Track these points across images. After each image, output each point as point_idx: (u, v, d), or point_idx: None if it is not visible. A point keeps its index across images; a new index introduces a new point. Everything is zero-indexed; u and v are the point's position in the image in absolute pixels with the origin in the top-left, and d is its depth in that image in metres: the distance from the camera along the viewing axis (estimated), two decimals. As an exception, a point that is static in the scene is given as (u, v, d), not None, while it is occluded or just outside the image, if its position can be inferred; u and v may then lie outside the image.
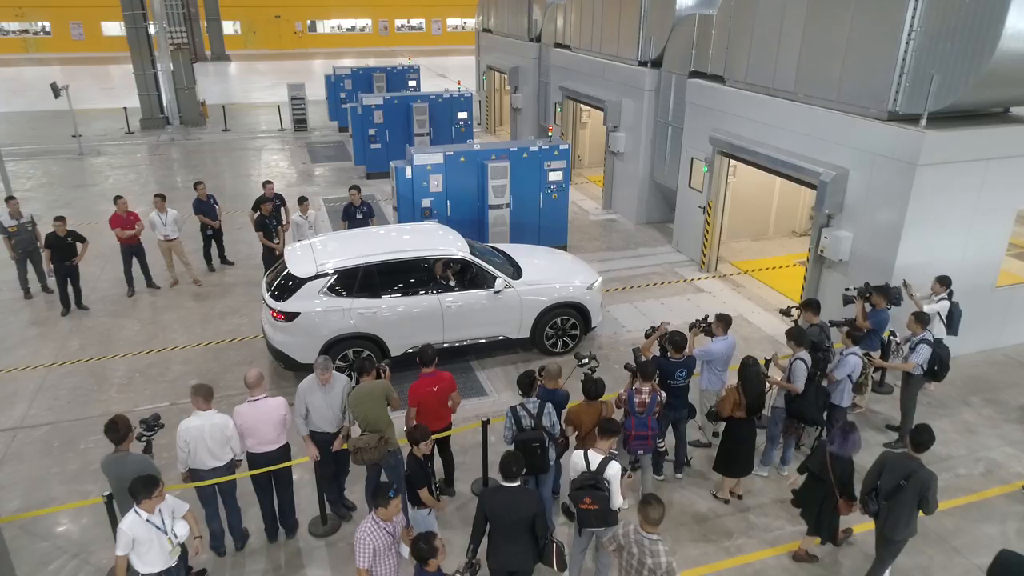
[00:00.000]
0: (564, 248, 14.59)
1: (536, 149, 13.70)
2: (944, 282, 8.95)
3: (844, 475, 6.37)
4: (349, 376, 7.82)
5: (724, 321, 8.15)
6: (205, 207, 13.47)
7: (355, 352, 9.38)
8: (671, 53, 14.82)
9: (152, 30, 25.52)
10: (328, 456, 7.17)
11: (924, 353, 8.11)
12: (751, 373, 7.25)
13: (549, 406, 6.77)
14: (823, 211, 10.59)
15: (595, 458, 5.96)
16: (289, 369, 9.80)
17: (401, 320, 9.56)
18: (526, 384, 6.82)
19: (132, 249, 12.51)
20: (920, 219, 9.55)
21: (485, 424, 7.69)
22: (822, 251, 10.73)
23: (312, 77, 34.43)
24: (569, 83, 18.98)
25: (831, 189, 10.40)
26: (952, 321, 8.86)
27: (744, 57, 12.40)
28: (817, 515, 6.60)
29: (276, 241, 12.28)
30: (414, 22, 61.79)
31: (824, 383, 7.97)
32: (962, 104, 9.32)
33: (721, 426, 7.73)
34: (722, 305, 12.30)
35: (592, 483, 5.83)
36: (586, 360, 7.42)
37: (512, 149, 13.57)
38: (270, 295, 9.40)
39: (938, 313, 8.78)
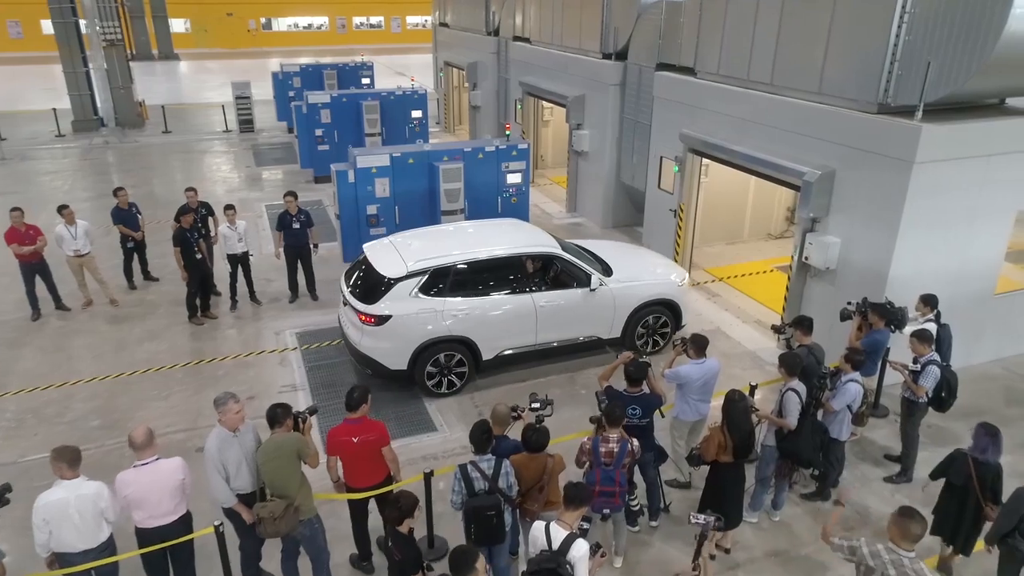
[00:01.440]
0: (525, 256, 13.45)
1: (493, 149, 12.53)
2: (929, 302, 7.95)
3: (993, 481, 5.89)
4: None
5: (697, 344, 7.07)
6: (126, 217, 12.04)
7: (447, 357, 8.92)
8: (637, 44, 13.76)
9: (83, 26, 23.75)
10: (247, 529, 5.89)
11: (933, 376, 7.11)
12: (737, 410, 6.14)
13: (507, 464, 5.60)
14: (807, 214, 9.59)
15: (558, 533, 4.80)
16: (377, 376, 8.98)
17: (495, 321, 9.04)
18: (480, 439, 5.63)
19: (34, 267, 11.02)
20: (917, 223, 8.58)
21: (428, 477, 6.47)
22: (806, 259, 9.73)
23: (265, 76, 32.71)
24: (529, 78, 17.85)
25: (816, 190, 9.39)
26: (941, 346, 7.77)
27: (716, 46, 11.37)
28: (955, 526, 6.06)
29: (199, 256, 10.86)
30: (374, 20, 60.28)
31: (819, 415, 6.94)
32: (960, 95, 8.37)
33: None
34: (697, 316, 11.25)
35: (552, 566, 4.66)
36: (537, 404, 6.23)
37: (466, 149, 12.38)
38: (356, 297, 8.77)
39: None
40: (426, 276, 8.74)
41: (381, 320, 8.58)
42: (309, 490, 5.82)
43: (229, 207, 11.26)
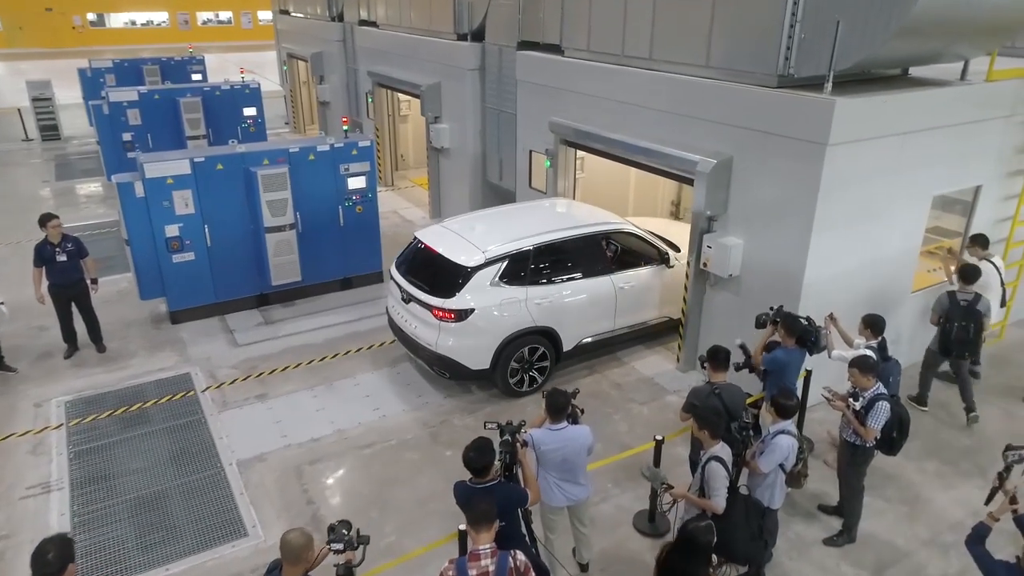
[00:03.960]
0: (379, 276, 11.27)
1: (326, 148, 10.23)
2: (874, 325, 6.48)
3: None
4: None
5: (552, 404, 5.20)
6: None
7: (531, 350, 8.10)
8: (494, 21, 11.86)
9: None
10: None
11: (884, 414, 5.58)
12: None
13: None
14: (704, 212, 7.99)
15: None
16: (456, 379, 8.22)
17: (576, 308, 8.34)
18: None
19: None
20: (831, 216, 7.13)
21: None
22: (705, 264, 8.14)
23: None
24: (379, 68, 15.59)
25: (711, 183, 7.80)
26: (885, 385, 6.32)
27: (584, 18, 9.62)
28: None
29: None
30: (223, 16, 55.53)
31: (742, 478, 5.25)
32: (865, 63, 6.98)
33: None
34: (583, 339, 9.50)
35: None
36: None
37: (292, 150, 10.01)
38: (427, 293, 7.86)
39: None
40: (506, 262, 7.93)
41: (463, 315, 7.69)
42: None
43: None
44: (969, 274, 7.56)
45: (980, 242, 8.18)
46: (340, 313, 10.34)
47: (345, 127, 10.64)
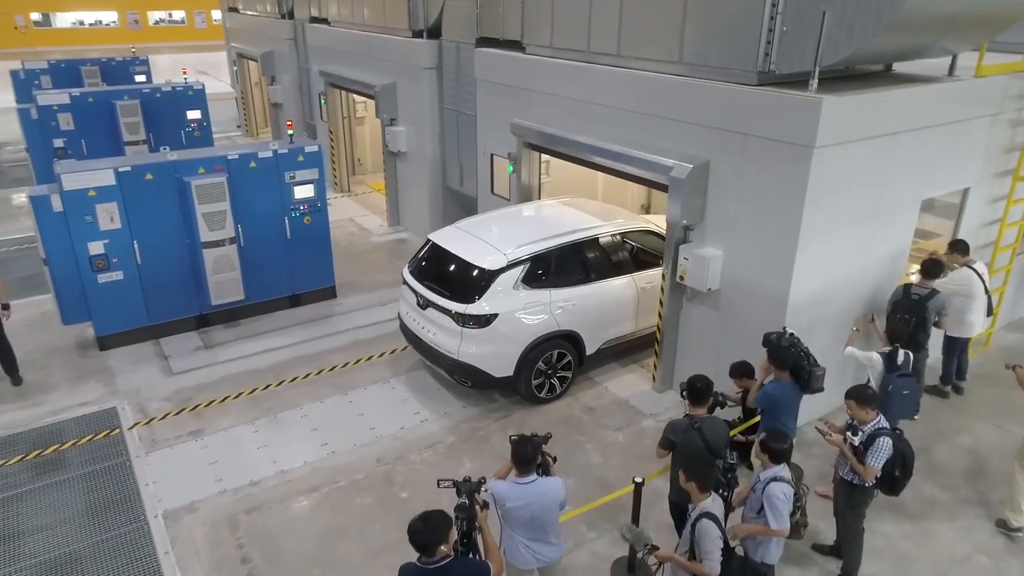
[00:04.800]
0: (331, 291, 10.48)
1: (269, 155, 9.39)
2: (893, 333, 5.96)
3: None
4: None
5: (518, 455, 4.52)
6: None
7: (559, 355, 7.82)
8: (451, 16, 11.12)
9: None
10: None
11: (885, 452, 4.99)
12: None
13: None
14: (679, 221, 7.36)
15: None
16: (479, 387, 7.86)
17: (599, 310, 8.06)
18: None
19: None
20: (819, 224, 6.55)
21: None
22: (681, 277, 7.51)
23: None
24: (331, 67, 14.74)
25: (687, 189, 7.17)
26: (889, 408, 5.69)
27: (547, 12, 8.94)
28: None
29: None
30: (176, 15, 53.78)
31: (738, 544, 4.62)
32: (858, 57, 6.41)
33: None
34: (552, 357, 8.82)
35: None
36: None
37: (231, 157, 9.15)
38: (446, 298, 7.54)
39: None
40: (528, 264, 7.63)
41: (486, 320, 7.35)
42: None
43: None
44: (930, 269, 7.16)
45: (959, 248, 7.66)
46: (288, 334, 9.51)
47: (290, 131, 9.79)
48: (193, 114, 15.27)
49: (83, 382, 8.37)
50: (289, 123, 10.23)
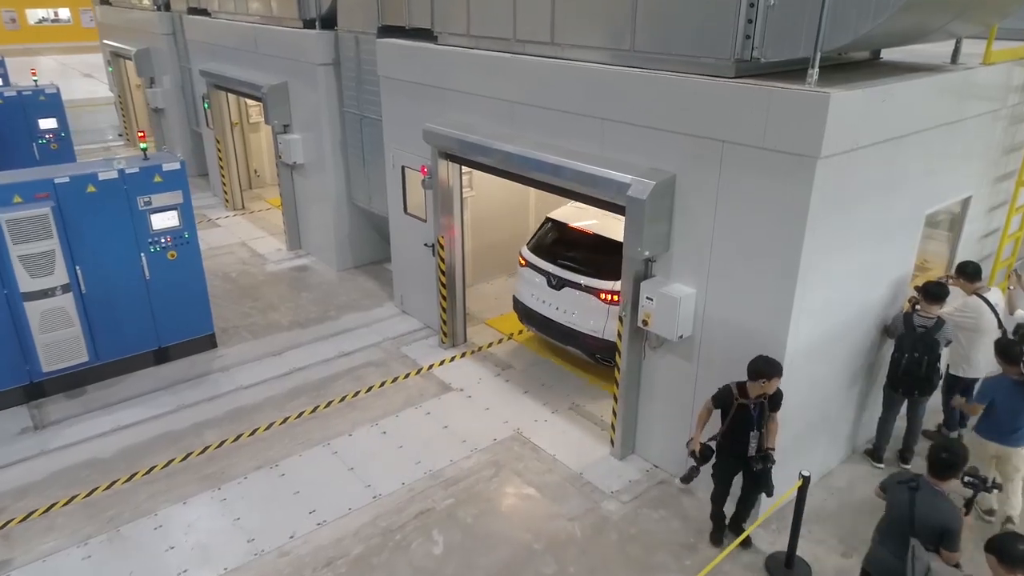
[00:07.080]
0: (210, 340, 8.49)
1: (113, 176, 7.34)
2: None
3: None
4: None
5: None
6: None
7: None
8: (347, 1, 9.28)
9: None
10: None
11: None
12: None
13: None
14: (639, 252, 5.78)
15: None
16: None
17: None
18: None
19: None
20: (820, 250, 5.10)
21: None
22: (645, 322, 5.95)
23: None
24: (213, 66, 12.60)
25: (649, 212, 5.60)
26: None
27: (461, -8, 7.26)
28: None
29: None
30: (62, 14, 49.42)
31: None
32: (864, 41, 4.97)
33: None
34: (485, 414, 7.16)
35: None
36: None
37: (59, 180, 7.06)
38: (589, 276, 7.18)
39: None
40: None
41: None
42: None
43: None
44: (936, 292, 5.96)
45: (968, 272, 6.36)
46: (149, 403, 7.49)
47: (143, 144, 7.73)
48: (47, 123, 12.82)
49: None
50: (141, 134, 8.15)
